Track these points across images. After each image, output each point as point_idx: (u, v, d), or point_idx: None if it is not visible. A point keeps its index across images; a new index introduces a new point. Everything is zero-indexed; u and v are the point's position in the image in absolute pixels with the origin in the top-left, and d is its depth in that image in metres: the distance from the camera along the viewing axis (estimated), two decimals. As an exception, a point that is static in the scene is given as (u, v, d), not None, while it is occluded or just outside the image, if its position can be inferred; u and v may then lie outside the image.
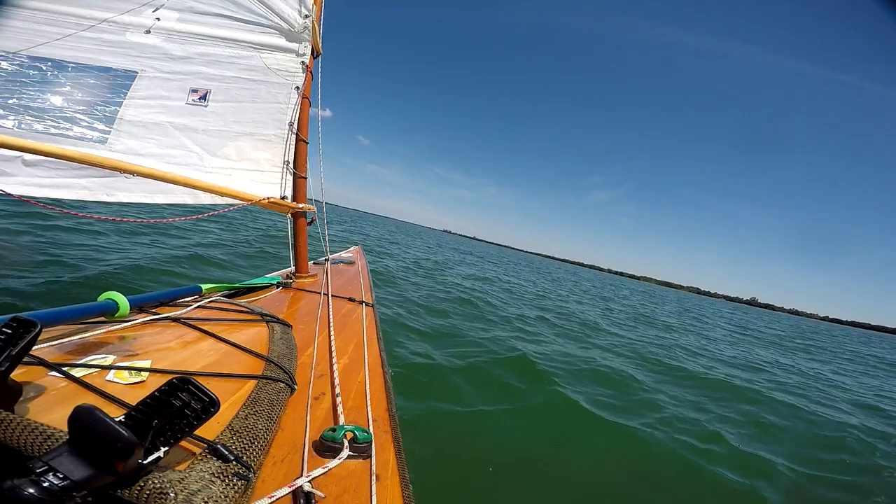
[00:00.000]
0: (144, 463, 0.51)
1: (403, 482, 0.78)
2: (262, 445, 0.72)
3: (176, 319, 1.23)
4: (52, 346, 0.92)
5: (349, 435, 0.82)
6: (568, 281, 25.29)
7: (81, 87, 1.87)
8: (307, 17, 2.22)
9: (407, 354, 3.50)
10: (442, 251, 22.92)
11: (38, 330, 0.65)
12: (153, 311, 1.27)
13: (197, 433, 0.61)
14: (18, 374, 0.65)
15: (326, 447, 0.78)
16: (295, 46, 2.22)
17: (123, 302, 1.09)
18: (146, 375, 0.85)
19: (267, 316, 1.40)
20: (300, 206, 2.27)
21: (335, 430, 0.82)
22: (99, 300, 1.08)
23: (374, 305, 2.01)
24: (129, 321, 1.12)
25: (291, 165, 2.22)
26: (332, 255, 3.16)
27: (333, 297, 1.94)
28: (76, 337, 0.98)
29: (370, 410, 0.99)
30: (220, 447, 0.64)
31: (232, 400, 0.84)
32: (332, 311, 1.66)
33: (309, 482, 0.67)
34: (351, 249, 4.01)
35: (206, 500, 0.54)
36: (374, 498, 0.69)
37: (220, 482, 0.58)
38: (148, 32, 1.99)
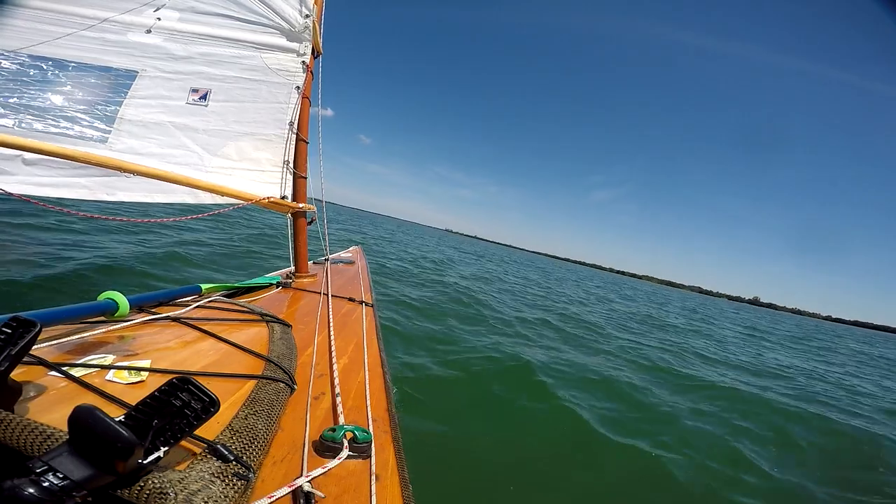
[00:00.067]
0: (144, 463, 0.51)
1: (403, 482, 0.78)
2: (261, 445, 0.72)
3: (176, 319, 1.23)
4: (51, 345, 0.92)
5: (349, 435, 0.82)
6: (570, 280, 25.00)
7: (82, 86, 1.88)
8: (308, 16, 2.22)
9: (397, 366, 3.20)
10: (442, 250, 22.77)
11: (37, 330, 0.65)
12: (153, 310, 1.27)
13: (197, 433, 0.61)
14: (18, 373, 0.65)
15: (326, 447, 0.78)
16: (296, 46, 2.22)
17: (123, 301, 1.09)
18: (146, 375, 0.85)
19: (267, 316, 1.40)
20: (300, 205, 2.27)
21: (335, 430, 0.82)
22: (98, 300, 1.08)
23: (374, 305, 2.01)
24: (128, 321, 1.12)
25: (291, 165, 2.22)
26: (332, 254, 3.16)
27: (333, 296, 1.94)
28: (76, 336, 0.98)
29: (370, 410, 0.99)
30: (220, 447, 0.64)
31: (232, 400, 0.84)
32: (331, 311, 1.66)
33: (309, 482, 0.67)
34: (351, 249, 4.01)
35: (205, 499, 0.54)
36: (373, 498, 0.69)
37: (219, 482, 0.58)
38: (149, 32, 2.00)
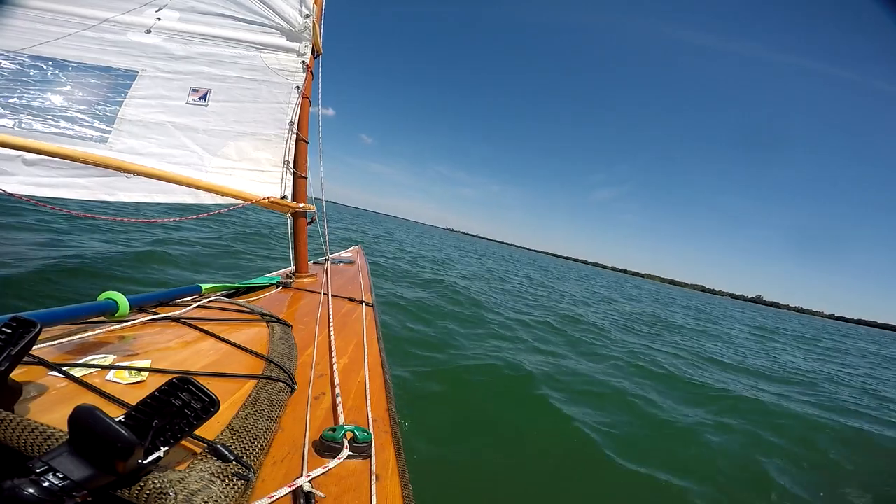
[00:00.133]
0: (144, 463, 0.51)
1: (403, 482, 0.78)
2: (262, 445, 0.72)
3: (176, 319, 1.23)
4: (51, 345, 0.92)
5: (349, 435, 0.82)
6: (572, 280, 24.68)
7: (82, 86, 1.87)
8: (308, 16, 2.22)
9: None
10: (442, 248, 22.57)
11: (37, 330, 0.65)
12: (153, 310, 1.27)
13: (197, 433, 0.61)
14: (18, 373, 0.65)
15: (326, 447, 0.78)
16: (296, 46, 2.22)
17: (123, 302, 1.09)
18: (146, 375, 0.85)
19: (267, 316, 1.40)
20: (300, 205, 2.27)
21: (335, 429, 0.82)
22: (99, 300, 1.08)
23: (374, 305, 2.01)
24: (128, 321, 1.12)
25: (291, 165, 2.22)
26: (332, 254, 3.16)
27: (333, 296, 1.94)
28: (76, 337, 0.98)
29: (370, 410, 0.99)
30: (220, 447, 0.64)
31: (232, 400, 0.84)
32: (332, 310, 1.65)
33: (309, 482, 0.67)
34: (351, 249, 4.00)
35: (206, 499, 0.54)
36: (373, 498, 0.69)
37: (220, 482, 0.58)
38: (149, 32, 2.00)
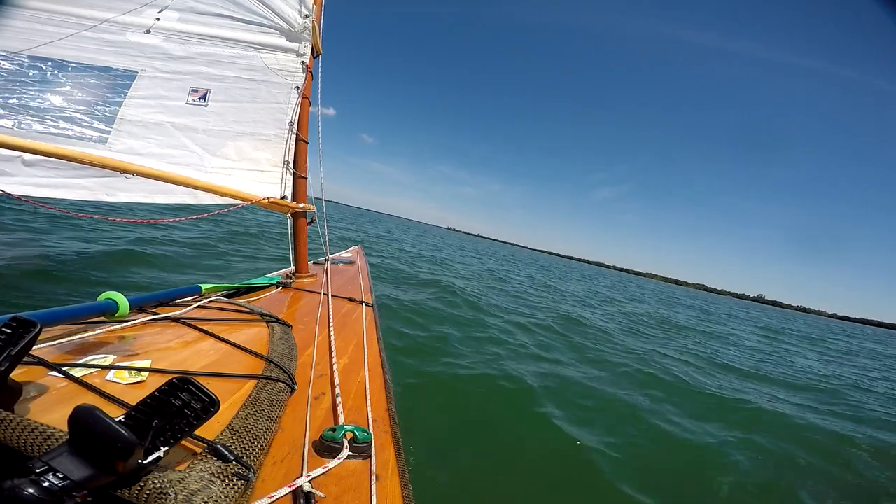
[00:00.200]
0: (144, 463, 0.51)
1: (403, 482, 0.78)
2: (262, 445, 0.72)
3: (176, 319, 1.23)
4: (51, 345, 0.92)
5: (349, 435, 0.82)
6: (574, 280, 24.35)
7: (81, 86, 1.88)
8: (307, 16, 2.22)
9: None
10: (442, 248, 22.44)
11: (37, 330, 0.65)
12: (153, 310, 1.27)
13: (197, 433, 0.61)
14: (18, 373, 0.65)
15: (326, 447, 0.78)
16: (295, 46, 2.23)
17: (123, 302, 1.09)
18: (146, 375, 0.85)
19: (267, 316, 1.40)
20: (300, 205, 2.27)
21: (335, 430, 0.82)
22: (99, 300, 1.08)
23: (374, 305, 2.01)
24: (128, 321, 1.12)
25: (291, 165, 2.22)
26: (332, 254, 3.16)
27: (333, 297, 1.94)
28: (76, 337, 0.98)
29: (370, 410, 0.99)
30: (220, 447, 0.64)
31: (232, 400, 0.84)
32: (332, 311, 1.66)
33: (309, 482, 0.67)
34: (351, 249, 4.00)
35: (206, 499, 0.54)
36: (373, 498, 0.69)
37: (220, 482, 0.58)
38: (148, 32, 2.00)
